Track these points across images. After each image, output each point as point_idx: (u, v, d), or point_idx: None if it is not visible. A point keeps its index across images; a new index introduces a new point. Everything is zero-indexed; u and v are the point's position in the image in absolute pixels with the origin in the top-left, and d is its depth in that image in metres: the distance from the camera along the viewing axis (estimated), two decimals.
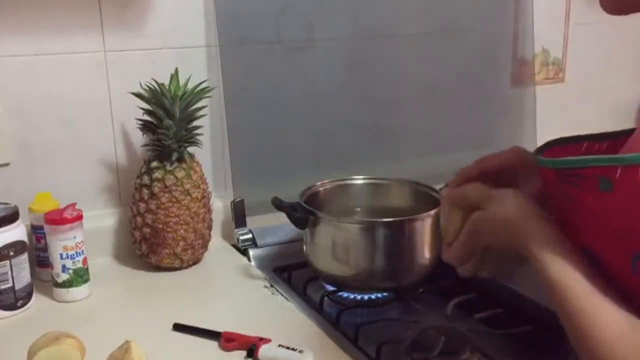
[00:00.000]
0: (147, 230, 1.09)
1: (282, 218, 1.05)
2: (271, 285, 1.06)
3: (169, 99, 1.06)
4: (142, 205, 1.09)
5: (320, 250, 1.04)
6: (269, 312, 0.99)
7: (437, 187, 1.12)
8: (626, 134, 0.66)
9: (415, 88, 1.40)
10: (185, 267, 1.13)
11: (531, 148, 0.71)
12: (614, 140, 0.67)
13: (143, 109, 1.08)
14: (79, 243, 1.01)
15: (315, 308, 1.00)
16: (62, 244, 1.00)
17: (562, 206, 0.62)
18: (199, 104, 1.10)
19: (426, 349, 0.85)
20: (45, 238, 1.03)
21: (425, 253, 1.04)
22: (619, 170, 0.54)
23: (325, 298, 1.01)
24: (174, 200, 1.08)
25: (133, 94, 1.08)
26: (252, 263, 1.16)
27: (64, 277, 1.01)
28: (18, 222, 0.98)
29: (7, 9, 1.05)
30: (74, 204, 1.02)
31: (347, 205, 1.17)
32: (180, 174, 1.09)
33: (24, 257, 0.98)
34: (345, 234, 1.02)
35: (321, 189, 1.15)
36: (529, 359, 0.91)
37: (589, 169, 0.56)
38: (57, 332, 0.82)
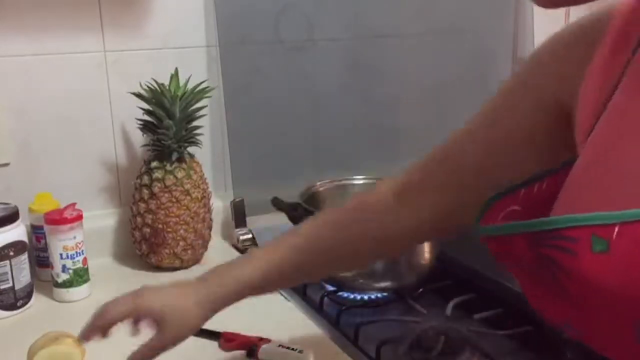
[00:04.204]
0: (147, 230, 1.09)
1: (282, 218, 1.05)
2: None
3: (169, 99, 1.06)
4: (142, 205, 1.09)
5: None
6: (269, 312, 0.98)
7: None
8: (566, 165, 0.57)
9: (415, 88, 1.40)
10: (185, 267, 1.13)
11: None
12: (554, 175, 0.58)
13: (143, 109, 1.08)
14: (79, 243, 1.01)
15: (315, 308, 1.00)
16: (62, 244, 1.00)
17: (537, 278, 0.53)
18: (199, 104, 1.10)
19: (426, 349, 0.85)
20: (45, 238, 1.03)
21: (425, 253, 1.03)
22: (616, 229, 0.47)
23: (325, 298, 1.01)
24: (174, 200, 1.08)
25: (133, 94, 1.08)
26: None
27: (64, 277, 1.01)
28: (18, 222, 0.98)
29: (7, 9, 1.05)
30: (74, 204, 1.02)
31: None
32: (180, 174, 1.09)
33: (24, 257, 0.98)
34: None
35: (321, 189, 1.15)
36: (529, 359, 0.91)
37: (580, 228, 0.48)
38: (57, 332, 0.82)
